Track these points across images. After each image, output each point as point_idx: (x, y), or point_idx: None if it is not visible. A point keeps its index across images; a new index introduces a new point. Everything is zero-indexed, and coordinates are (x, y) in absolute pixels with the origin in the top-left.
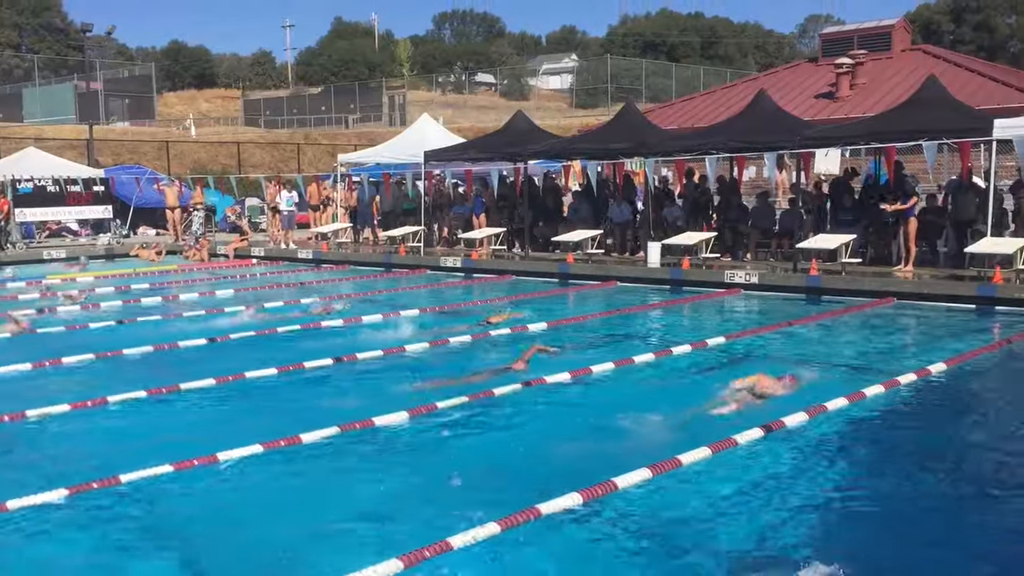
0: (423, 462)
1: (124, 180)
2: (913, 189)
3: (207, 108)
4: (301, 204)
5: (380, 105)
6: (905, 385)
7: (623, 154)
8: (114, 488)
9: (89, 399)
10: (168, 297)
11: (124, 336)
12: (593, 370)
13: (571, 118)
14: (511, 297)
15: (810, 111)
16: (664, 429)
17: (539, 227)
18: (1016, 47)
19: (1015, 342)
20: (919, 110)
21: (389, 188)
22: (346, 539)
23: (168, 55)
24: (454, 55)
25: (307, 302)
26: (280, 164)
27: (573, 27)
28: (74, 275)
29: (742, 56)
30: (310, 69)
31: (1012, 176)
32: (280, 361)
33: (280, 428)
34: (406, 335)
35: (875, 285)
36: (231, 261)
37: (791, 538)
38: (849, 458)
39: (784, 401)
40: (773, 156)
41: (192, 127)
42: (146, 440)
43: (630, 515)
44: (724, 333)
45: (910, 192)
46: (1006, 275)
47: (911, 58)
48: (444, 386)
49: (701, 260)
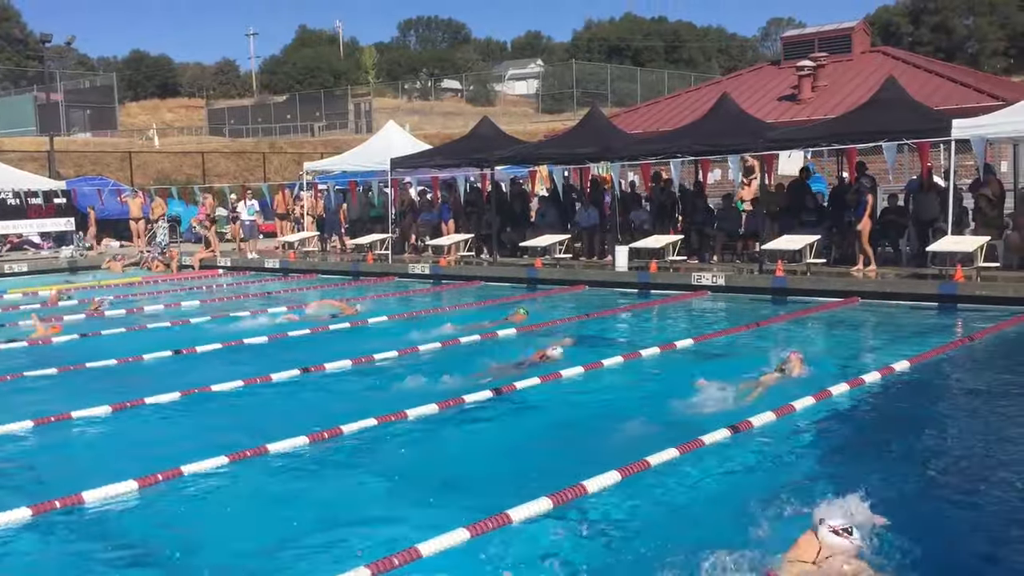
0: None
1: (86, 192)
2: (867, 189)
3: (171, 118)
4: (267, 213)
5: (346, 113)
6: (869, 384)
7: (589, 159)
8: (77, 506)
9: (53, 415)
10: (133, 310)
11: (90, 350)
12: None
13: (537, 123)
14: (482, 303)
15: (773, 113)
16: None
17: (507, 232)
18: (973, 48)
19: (976, 339)
20: (879, 111)
21: (355, 196)
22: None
23: (130, 65)
24: (419, 62)
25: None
26: (246, 173)
27: (538, 32)
28: (35, 288)
29: (706, 60)
30: (275, 77)
31: (971, 175)
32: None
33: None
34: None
35: (840, 285)
36: (197, 272)
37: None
38: (812, 456)
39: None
40: (737, 159)
41: (155, 137)
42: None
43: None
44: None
45: (863, 192)
46: (967, 273)
47: (871, 60)
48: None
49: (668, 263)
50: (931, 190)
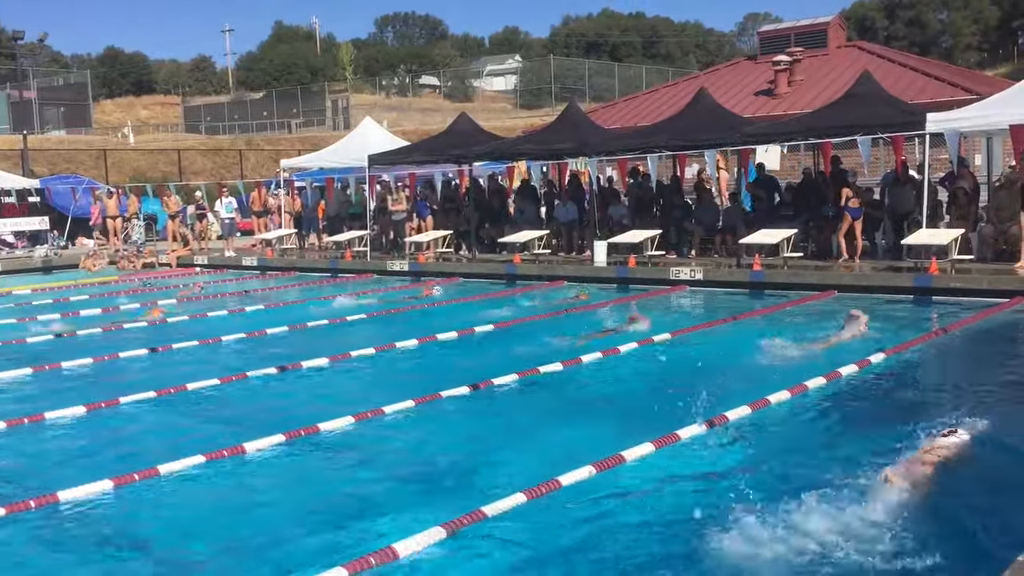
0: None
1: (61, 190)
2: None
3: (146, 115)
4: (244, 211)
5: (323, 109)
6: (846, 376)
7: (567, 154)
8: (52, 505)
9: (26, 416)
10: (107, 309)
11: (67, 349)
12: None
13: (516, 119)
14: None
15: (750, 108)
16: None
17: (485, 228)
18: (948, 42)
19: (951, 331)
20: (854, 106)
21: (332, 193)
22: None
23: (104, 62)
24: (397, 58)
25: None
26: (222, 171)
27: (516, 28)
28: (9, 288)
29: (683, 55)
30: (251, 74)
31: (945, 169)
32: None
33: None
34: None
35: (816, 279)
36: (174, 270)
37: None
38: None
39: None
40: (714, 153)
41: (131, 135)
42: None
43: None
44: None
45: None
46: (941, 266)
47: (846, 54)
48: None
49: (647, 258)
50: (907, 183)
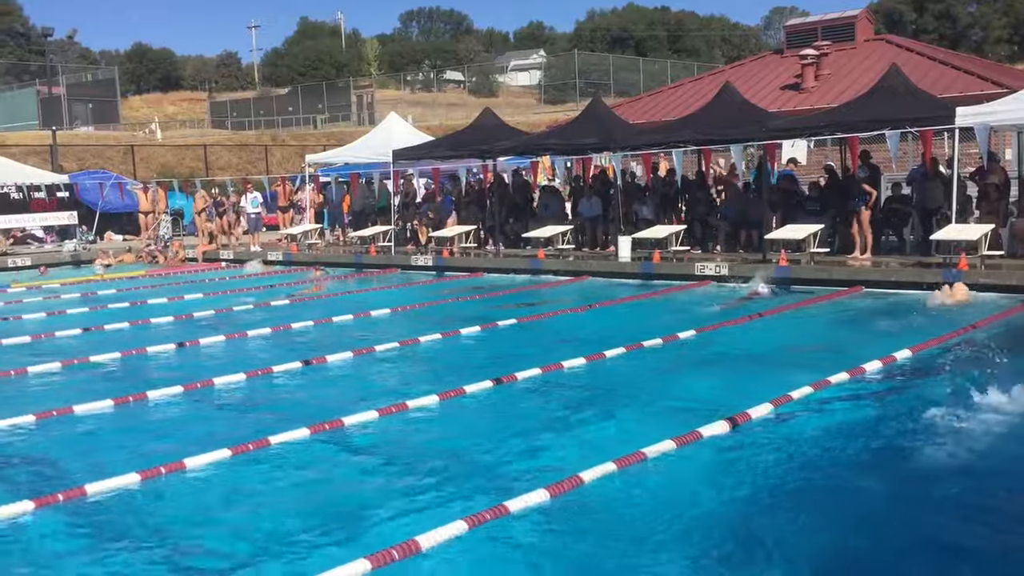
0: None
1: (89, 186)
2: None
3: (173, 111)
4: (270, 206)
5: (348, 105)
6: (871, 372)
7: (591, 149)
8: (80, 498)
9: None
10: (136, 302)
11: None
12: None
13: (540, 114)
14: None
15: (776, 102)
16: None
17: (509, 224)
18: (978, 35)
19: (979, 327)
20: (882, 100)
21: (357, 188)
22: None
23: (132, 58)
24: (422, 53)
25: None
26: (248, 166)
27: (541, 23)
28: (39, 283)
29: (709, 49)
30: (277, 70)
31: (974, 163)
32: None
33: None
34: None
35: (843, 274)
36: (200, 264)
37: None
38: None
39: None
40: (739, 148)
41: (158, 130)
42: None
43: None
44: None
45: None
46: (971, 261)
47: (874, 48)
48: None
49: (671, 253)
50: (937, 178)
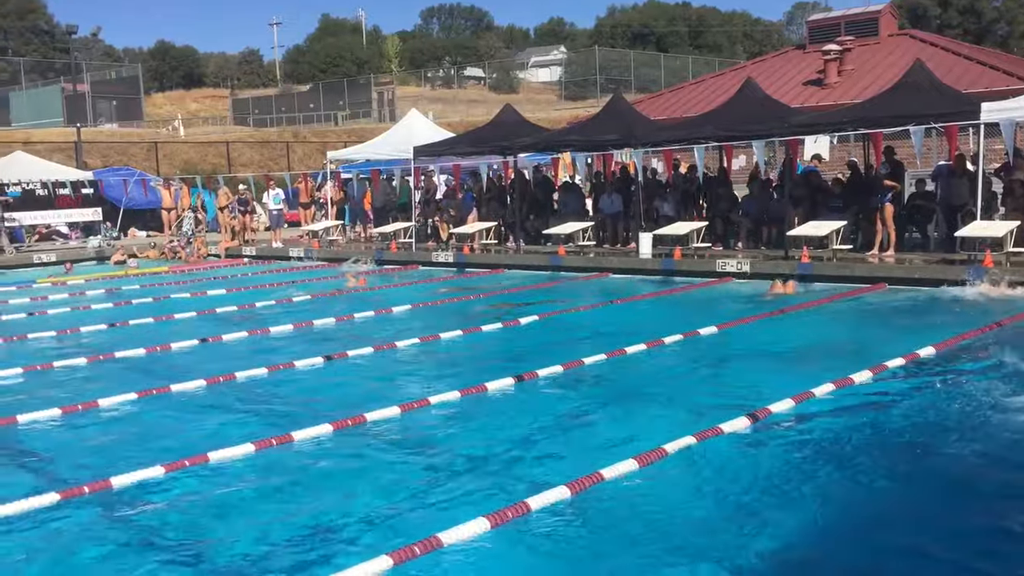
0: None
1: (113, 182)
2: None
3: (196, 108)
4: (291, 202)
5: (369, 101)
6: (892, 369)
7: (612, 145)
8: (106, 491)
9: (81, 402)
10: (158, 298)
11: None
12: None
13: (560, 110)
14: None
15: (798, 98)
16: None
17: (530, 220)
18: (1003, 30)
19: (1005, 324)
20: (906, 95)
21: (378, 184)
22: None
23: (155, 55)
24: (442, 50)
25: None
26: (270, 163)
27: (561, 19)
28: (64, 279)
29: (730, 45)
30: (298, 67)
31: (999, 159)
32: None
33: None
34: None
35: (866, 271)
36: (223, 260)
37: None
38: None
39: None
40: (761, 144)
41: (181, 127)
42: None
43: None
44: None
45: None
46: (996, 258)
47: (898, 43)
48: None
49: (692, 250)
50: (964, 175)
